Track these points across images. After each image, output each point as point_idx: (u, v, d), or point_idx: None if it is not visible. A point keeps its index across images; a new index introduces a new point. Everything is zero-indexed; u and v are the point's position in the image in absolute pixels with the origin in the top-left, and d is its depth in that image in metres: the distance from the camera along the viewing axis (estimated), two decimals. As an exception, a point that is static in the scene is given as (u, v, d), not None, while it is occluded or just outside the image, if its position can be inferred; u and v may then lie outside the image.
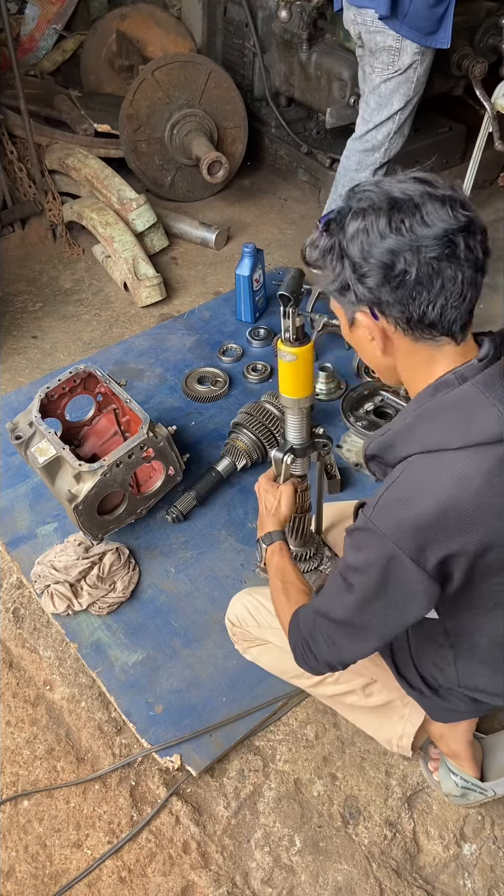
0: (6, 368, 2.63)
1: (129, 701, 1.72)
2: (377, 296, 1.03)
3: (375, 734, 1.58)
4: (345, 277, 1.06)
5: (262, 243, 3.08)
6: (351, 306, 1.09)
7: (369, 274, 1.02)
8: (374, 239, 1.01)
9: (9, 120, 3.16)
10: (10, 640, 1.86)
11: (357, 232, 1.02)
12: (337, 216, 1.07)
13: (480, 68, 2.76)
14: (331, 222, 1.07)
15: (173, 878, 1.50)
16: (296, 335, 1.38)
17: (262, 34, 3.37)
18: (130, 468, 1.84)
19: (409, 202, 1.01)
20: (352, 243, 1.03)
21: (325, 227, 1.09)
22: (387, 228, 1.00)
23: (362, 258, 1.02)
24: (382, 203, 1.02)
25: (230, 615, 1.63)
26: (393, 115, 2.49)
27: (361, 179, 2.64)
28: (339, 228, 1.06)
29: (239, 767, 1.65)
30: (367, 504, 1.09)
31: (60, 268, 3.11)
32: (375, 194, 1.03)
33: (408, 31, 2.30)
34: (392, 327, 1.07)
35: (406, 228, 0.99)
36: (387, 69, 2.40)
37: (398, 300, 1.02)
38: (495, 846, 1.54)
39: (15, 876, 1.51)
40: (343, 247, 1.05)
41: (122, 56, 3.68)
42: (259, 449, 2.13)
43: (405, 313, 1.03)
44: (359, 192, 1.06)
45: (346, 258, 1.05)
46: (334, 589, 1.16)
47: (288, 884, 1.50)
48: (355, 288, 1.05)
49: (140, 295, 2.85)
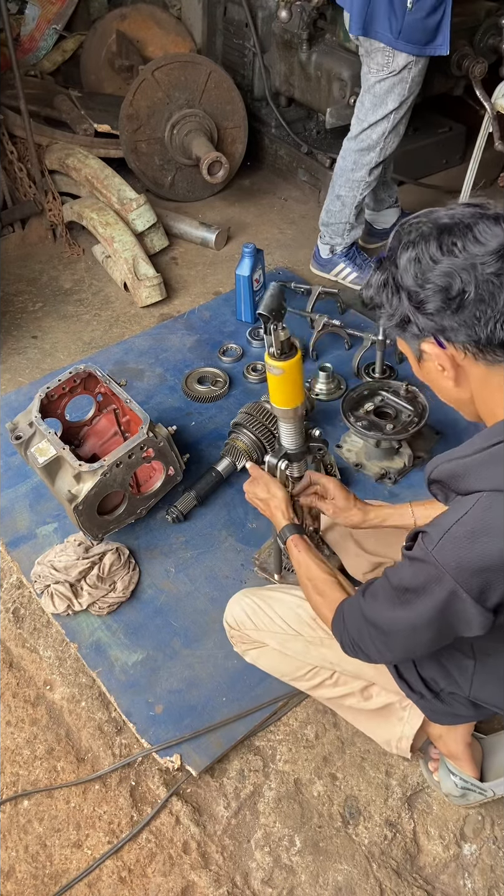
0: (6, 368, 2.63)
1: (129, 701, 1.71)
2: (440, 323, 1.01)
3: (374, 736, 1.59)
4: (403, 310, 1.04)
5: (262, 243, 3.08)
6: (415, 339, 1.07)
7: (427, 300, 1.00)
8: (427, 264, 0.99)
9: (9, 120, 3.16)
10: (10, 640, 1.86)
11: (409, 262, 1.01)
12: (389, 252, 1.06)
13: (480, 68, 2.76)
14: (383, 260, 1.07)
15: (173, 878, 1.50)
16: (281, 350, 1.37)
17: (262, 34, 3.37)
18: (130, 468, 1.84)
19: (458, 224, 0.99)
20: (405, 274, 1.02)
21: (377, 264, 1.08)
22: (438, 252, 0.99)
23: (417, 286, 1.01)
24: (432, 230, 1.01)
25: (228, 617, 1.61)
26: (388, 115, 2.49)
27: (358, 179, 2.65)
28: (392, 263, 1.05)
29: (239, 767, 1.65)
30: (428, 533, 1.05)
31: (60, 268, 3.11)
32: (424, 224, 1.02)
33: (404, 45, 2.31)
34: (461, 354, 1.03)
35: (459, 249, 0.98)
36: (382, 70, 2.41)
37: (462, 323, 0.99)
38: (495, 846, 1.54)
39: (15, 876, 1.51)
40: (398, 280, 1.03)
41: (122, 56, 3.68)
42: (259, 449, 2.13)
43: (472, 336, 1.00)
44: (406, 225, 1.05)
45: (401, 290, 1.03)
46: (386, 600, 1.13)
47: (288, 884, 1.50)
48: (415, 319, 1.03)
49: (140, 295, 2.85)
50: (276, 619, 1.52)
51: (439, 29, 2.30)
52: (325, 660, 1.49)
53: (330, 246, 2.87)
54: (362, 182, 2.66)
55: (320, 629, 1.47)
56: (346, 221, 2.77)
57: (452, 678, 1.31)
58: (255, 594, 1.61)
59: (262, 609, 1.55)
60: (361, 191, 2.69)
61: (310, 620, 1.48)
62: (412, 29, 2.27)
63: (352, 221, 2.78)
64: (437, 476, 1.09)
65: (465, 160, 3.18)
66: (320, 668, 1.52)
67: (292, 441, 1.55)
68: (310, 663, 1.52)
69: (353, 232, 2.82)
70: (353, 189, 2.69)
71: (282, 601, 1.55)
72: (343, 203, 2.73)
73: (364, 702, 1.52)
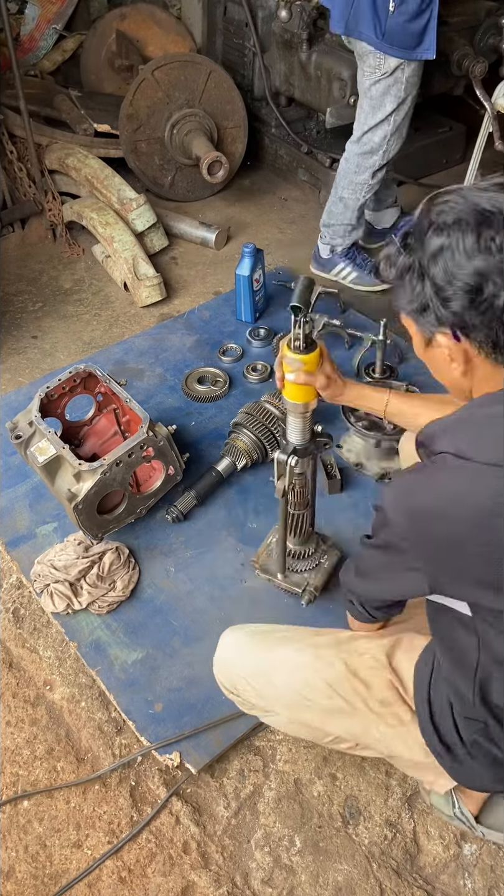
0: (6, 368, 2.63)
1: (128, 699, 1.71)
2: (461, 318, 0.97)
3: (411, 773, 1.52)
4: (425, 299, 0.99)
5: (262, 243, 3.08)
6: (430, 326, 1.03)
7: (453, 298, 0.95)
8: (461, 259, 0.93)
9: (9, 120, 3.16)
10: (10, 640, 1.86)
11: (441, 250, 0.94)
12: (415, 229, 0.98)
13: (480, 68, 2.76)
14: (408, 235, 0.99)
15: (173, 878, 1.50)
16: (305, 342, 1.39)
17: (262, 34, 3.37)
18: (130, 467, 1.84)
19: (498, 215, 0.92)
20: (433, 263, 0.95)
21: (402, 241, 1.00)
22: (475, 247, 0.92)
23: (446, 281, 0.95)
24: (469, 217, 0.93)
25: (221, 679, 1.47)
26: (388, 117, 2.49)
27: (361, 182, 2.65)
28: (419, 244, 0.97)
29: (239, 767, 1.64)
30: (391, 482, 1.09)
31: (60, 268, 3.11)
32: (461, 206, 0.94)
33: (388, 47, 2.31)
34: (475, 350, 1.00)
35: (497, 247, 0.91)
36: (374, 72, 2.41)
37: (485, 323, 0.96)
38: (495, 846, 1.54)
39: (15, 876, 1.50)
40: (424, 266, 0.97)
41: (122, 56, 3.68)
42: (259, 449, 2.13)
43: (491, 337, 0.97)
44: (440, 202, 0.97)
45: (426, 277, 0.97)
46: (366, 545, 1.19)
47: (288, 884, 1.50)
48: (437, 311, 0.99)
49: (140, 295, 2.85)
50: (280, 687, 1.37)
51: (425, 33, 2.29)
52: (346, 730, 1.36)
53: (330, 246, 2.88)
54: (365, 185, 2.67)
55: (338, 697, 1.32)
56: (348, 223, 2.78)
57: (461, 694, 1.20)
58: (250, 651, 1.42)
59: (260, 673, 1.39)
60: (364, 193, 2.69)
61: (323, 686, 1.33)
62: (396, 33, 2.27)
63: (353, 223, 2.78)
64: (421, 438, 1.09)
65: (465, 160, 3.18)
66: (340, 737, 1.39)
67: (300, 436, 1.55)
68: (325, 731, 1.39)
69: (354, 233, 2.83)
70: (356, 191, 2.69)
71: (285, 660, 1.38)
72: (346, 205, 2.73)
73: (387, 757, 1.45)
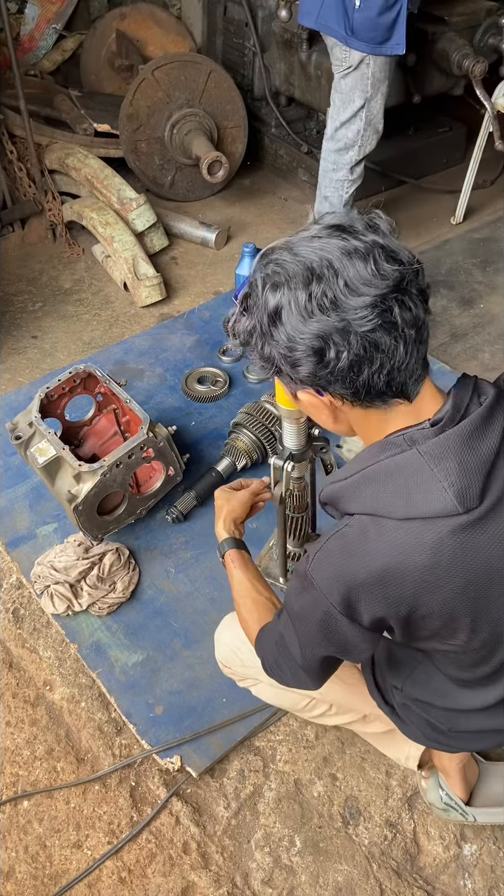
0: (6, 368, 2.63)
1: (129, 702, 1.71)
2: (315, 378, 0.94)
3: (386, 753, 1.61)
4: (275, 362, 0.96)
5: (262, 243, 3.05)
6: (291, 385, 1.00)
7: (300, 362, 0.93)
8: (297, 321, 0.90)
9: (9, 120, 3.16)
10: (10, 641, 1.86)
11: (276, 309, 0.92)
12: (251, 290, 0.96)
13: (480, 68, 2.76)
14: (247, 297, 0.97)
15: (173, 878, 1.50)
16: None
17: (262, 34, 3.36)
18: (130, 468, 1.84)
19: (328, 267, 0.89)
20: (274, 326, 0.93)
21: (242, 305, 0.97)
22: (308, 305, 0.89)
23: (289, 347, 0.92)
24: (297, 272, 0.90)
25: (218, 655, 1.56)
26: (358, 112, 2.47)
27: (340, 179, 2.63)
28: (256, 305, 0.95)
29: (239, 768, 1.65)
30: (310, 549, 1.05)
31: (60, 268, 3.11)
32: (290, 262, 0.91)
33: (357, 43, 2.29)
34: (339, 401, 0.98)
35: (328, 304, 0.88)
36: (341, 65, 2.40)
37: (339, 379, 0.93)
38: (495, 846, 1.54)
39: (15, 876, 1.51)
40: (265, 330, 0.94)
41: (122, 56, 3.67)
42: (259, 449, 2.13)
43: (350, 389, 0.94)
44: (269, 260, 0.94)
45: (272, 343, 0.94)
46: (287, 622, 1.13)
47: (288, 884, 1.50)
48: (290, 374, 0.96)
49: (140, 295, 2.85)
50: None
51: (394, 27, 2.26)
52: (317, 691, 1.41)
53: None
54: (345, 181, 2.65)
55: None
56: None
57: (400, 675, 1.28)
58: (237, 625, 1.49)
59: (244, 642, 1.44)
60: (346, 189, 2.68)
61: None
62: (364, 27, 2.25)
63: None
64: (324, 498, 1.08)
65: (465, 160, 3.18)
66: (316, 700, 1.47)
67: (296, 442, 1.55)
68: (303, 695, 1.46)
69: None
70: (338, 189, 2.68)
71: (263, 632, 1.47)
72: (331, 204, 2.72)
73: (367, 726, 1.51)
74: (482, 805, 1.52)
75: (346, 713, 1.49)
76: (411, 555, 0.95)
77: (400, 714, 1.33)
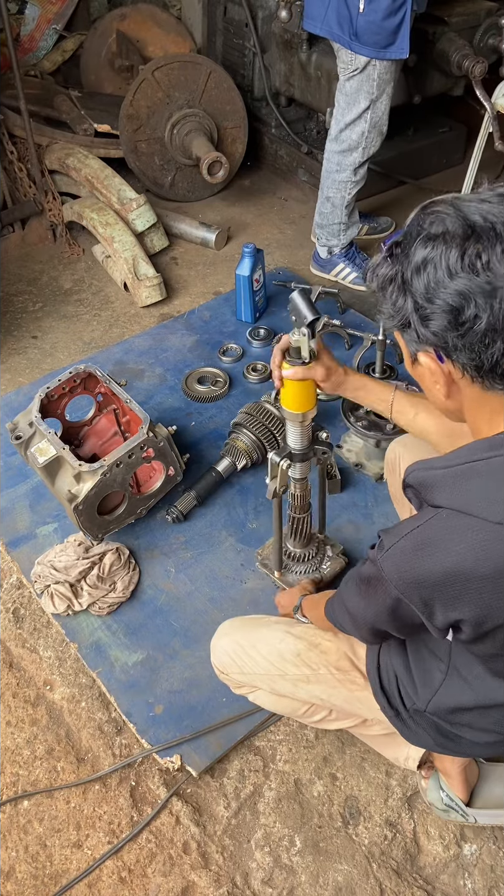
0: (6, 368, 2.63)
1: (129, 701, 1.71)
2: (442, 338, 0.91)
3: (385, 754, 1.61)
4: (406, 314, 0.94)
5: (262, 243, 3.08)
6: (414, 344, 0.98)
7: (433, 317, 0.90)
8: (442, 276, 0.87)
9: (9, 120, 3.16)
10: (10, 640, 1.86)
11: (423, 262, 0.89)
12: (403, 238, 0.93)
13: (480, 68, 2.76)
14: (395, 245, 0.94)
15: (173, 878, 1.50)
16: (311, 356, 1.36)
17: (262, 34, 3.37)
18: (130, 468, 1.84)
19: (489, 230, 0.86)
20: (416, 277, 0.90)
21: (388, 251, 0.95)
22: (458, 263, 0.86)
23: (426, 298, 0.90)
24: (457, 230, 0.87)
25: (214, 661, 1.53)
26: (363, 114, 2.48)
27: (343, 180, 2.65)
28: (405, 255, 0.92)
29: (239, 768, 1.65)
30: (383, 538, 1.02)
31: (60, 268, 3.11)
32: (451, 217, 0.88)
33: (360, 47, 2.30)
34: (459, 373, 0.95)
35: (482, 265, 0.85)
36: (347, 67, 2.41)
37: (467, 346, 0.90)
38: (495, 846, 1.54)
39: (15, 876, 1.51)
40: (406, 279, 0.92)
41: (122, 56, 3.68)
42: (259, 449, 2.13)
43: (475, 360, 0.91)
44: (431, 211, 0.91)
45: (408, 294, 0.92)
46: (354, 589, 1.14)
47: (288, 884, 1.50)
48: (417, 329, 0.93)
49: (140, 295, 2.85)
50: (258, 660, 1.44)
51: (399, 32, 2.27)
52: (315, 696, 1.43)
53: (328, 247, 2.88)
54: (348, 182, 2.66)
55: (304, 665, 1.40)
56: (340, 222, 2.77)
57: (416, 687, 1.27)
58: (236, 631, 1.51)
59: (243, 649, 1.45)
60: (349, 190, 2.68)
61: (292, 657, 1.41)
62: (368, 31, 2.27)
63: (345, 221, 2.78)
64: (411, 481, 1.03)
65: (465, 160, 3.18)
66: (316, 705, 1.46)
67: (298, 442, 1.55)
68: (303, 701, 1.46)
69: (348, 231, 2.82)
70: (341, 190, 2.68)
71: (264, 638, 1.46)
72: (333, 204, 2.73)
73: (368, 729, 1.50)
74: (482, 806, 1.52)
75: (346, 718, 1.48)
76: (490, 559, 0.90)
77: (406, 720, 1.31)
